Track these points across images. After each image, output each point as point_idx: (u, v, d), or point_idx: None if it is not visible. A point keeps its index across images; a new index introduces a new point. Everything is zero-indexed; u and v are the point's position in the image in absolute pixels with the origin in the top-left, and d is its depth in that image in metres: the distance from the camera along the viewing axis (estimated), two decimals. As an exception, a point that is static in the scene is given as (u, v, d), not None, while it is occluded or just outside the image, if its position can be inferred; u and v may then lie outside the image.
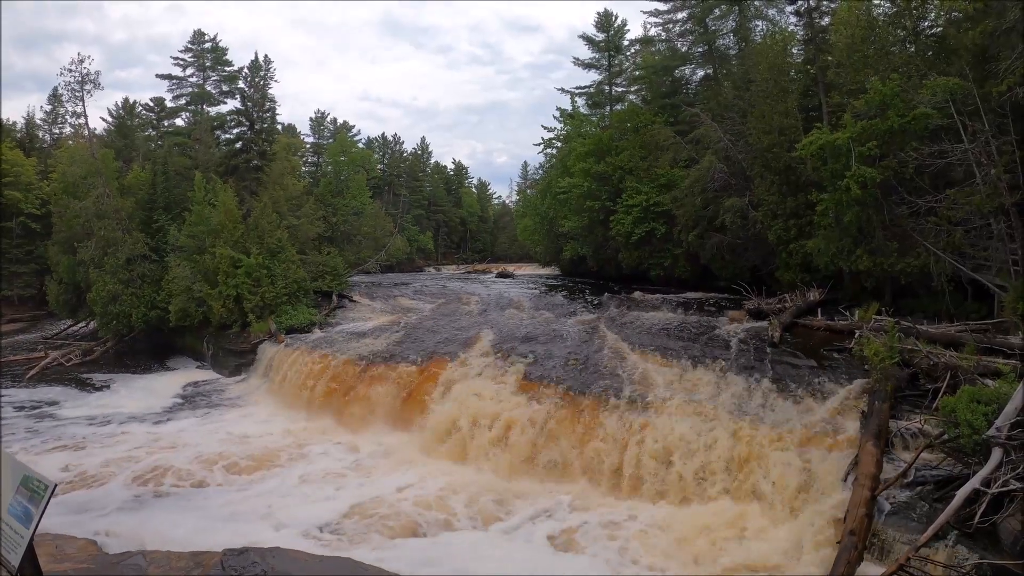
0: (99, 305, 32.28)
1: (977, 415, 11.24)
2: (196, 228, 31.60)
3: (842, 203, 20.32)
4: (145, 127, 54.59)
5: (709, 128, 30.08)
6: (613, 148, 37.16)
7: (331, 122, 77.42)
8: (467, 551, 13.10)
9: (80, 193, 35.45)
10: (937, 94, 18.55)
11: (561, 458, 16.45)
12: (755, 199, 26.95)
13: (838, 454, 13.34)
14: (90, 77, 35.56)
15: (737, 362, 18.11)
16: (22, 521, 5.05)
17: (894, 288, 21.60)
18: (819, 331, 20.26)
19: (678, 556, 12.60)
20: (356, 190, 57.47)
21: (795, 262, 25.04)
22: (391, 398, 20.90)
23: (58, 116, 56.11)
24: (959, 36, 19.42)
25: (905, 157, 19.54)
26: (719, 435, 14.97)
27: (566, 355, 20.28)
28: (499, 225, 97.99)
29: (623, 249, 36.03)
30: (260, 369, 26.94)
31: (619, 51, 47.46)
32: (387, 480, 16.73)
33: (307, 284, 32.07)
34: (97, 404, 25.01)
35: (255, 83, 40.22)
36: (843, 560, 10.15)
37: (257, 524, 14.09)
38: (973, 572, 9.39)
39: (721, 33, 36.83)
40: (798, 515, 12.69)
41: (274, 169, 38.15)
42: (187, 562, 11.19)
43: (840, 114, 22.15)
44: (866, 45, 22.16)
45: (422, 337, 24.32)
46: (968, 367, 14.46)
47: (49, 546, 11.30)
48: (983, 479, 10.28)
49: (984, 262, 18.42)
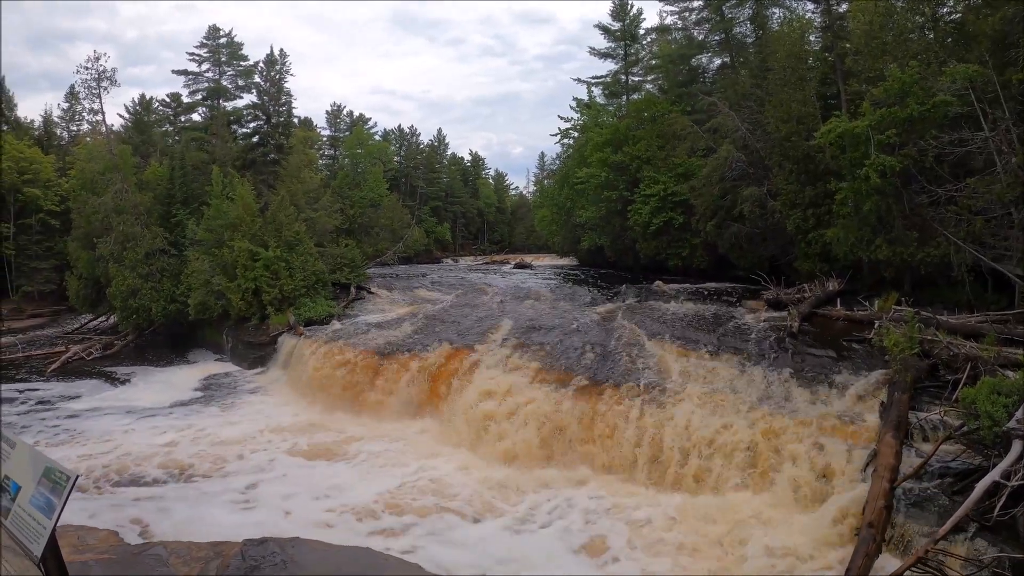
0: (119, 299, 32.59)
1: (997, 407, 11.11)
2: (214, 222, 31.78)
3: (861, 192, 20.14)
4: (162, 123, 54.98)
5: (727, 117, 29.84)
6: (630, 138, 37.00)
7: (347, 115, 77.50)
8: (484, 540, 13.17)
9: (99, 189, 35.81)
10: (956, 81, 18.30)
11: (579, 447, 16.50)
12: (773, 188, 26.74)
13: (857, 445, 13.27)
14: (106, 74, 35.98)
15: (756, 352, 18.05)
16: (44, 512, 5.12)
17: (913, 278, 21.38)
18: (838, 321, 20.15)
19: (696, 545, 12.60)
20: (373, 182, 57.60)
21: (814, 252, 24.84)
22: (411, 389, 21.01)
23: (75, 113, 56.66)
24: (978, 22, 19.16)
25: (925, 145, 19.29)
26: (738, 425, 14.96)
27: (584, 345, 20.27)
28: (516, 216, 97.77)
29: (641, 239, 35.89)
30: (279, 361, 27.09)
31: (635, 40, 47.16)
32: (405, 469, 16.86)
33: (325, 276, 32.19)
34: (119, 397, 25.29)
35: (271, 77, 40.43)
36: (861, 552, 10.12)
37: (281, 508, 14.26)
38: (992, 565, 9.33)
39: (738, 21, 36.48)
40: (816, 506, 12.65)
41: (291, 162, 38.37)
42: (207, 552, 11.33)
43: (858, 102, 21.90)
44: (884, 32, 21.89)
45: (441, 328, 24.40)
46: (988, 358, 14.31)
47: (71, 537, 11.47)
48: (1003, 472, 10.19)
49: (1005, 252, 18.17)
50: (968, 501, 10.08)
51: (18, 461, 5.55)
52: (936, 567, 9.49)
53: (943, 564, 9.50)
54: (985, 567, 9.36)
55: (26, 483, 5.36)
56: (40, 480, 5.27)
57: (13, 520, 5.25)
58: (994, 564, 9.33)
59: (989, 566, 9.33)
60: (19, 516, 5.24)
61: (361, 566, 11.27)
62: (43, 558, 5.00)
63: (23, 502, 5.29)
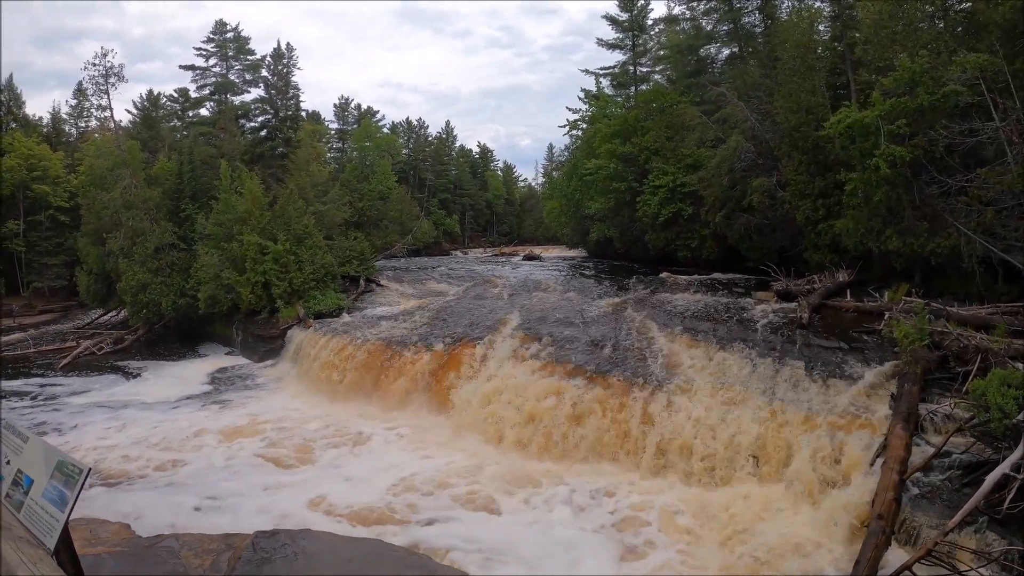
0: (129, 294, 32.79)
1: (1008, 399, 11.05)
2: (223, 216, 31.90)
3: (871, 182, 20.02)
4: (170, 118, 55.12)
5: (735, 107, 29.69)
6: (639, 129, 36.86)
7: (355, 108, 77.47)
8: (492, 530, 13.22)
9: (107, 185, 36.02)
10: (967, 71, 18.14)
11: (588, 439, 16.51)
12: (783, 179, 26.61)
13: (867, 437, 13.24)
14: (114, 70, 36.17)
15: (766, 344, 18.00)
16: (57, 505, 5.16)
17: (924, 269, 21.27)
18: (848, 312, 20.10)
19: (706, 537, 12.62)
20: (382, 175, 57.63)
21: (823, 243, 24.73)
22: (420, 381, 21.09)
23: (83, 110, 57.02)
24: (989, 11, 18.97)
25: (935, 136, 19.13)
26: (747, 417, 14.96)
27: (594, 337, 20.28)
28: (525, 208, 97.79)
29: (650, 230, 35.78)
30: (289, 354, 27.21)
31: (643, 31, 46.90)
32: (414, 460, 16.96)
33: (334, 269, 32.30)
34: (128, 392, 25.44)
35: (278, 71, 40.48)
36: (871, 544, 10.10)
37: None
38: (1002, 558, 9.31)
39: (746, 11, 36.28)
40: (826, 498, 12.62)
41: (299, 156, 38.43)
42: (219, 544, 11.41)
43: (868, 92, 21.74)
44: (894, 21, 21.69)
45: (450, 320, 24.45)
46: (999, 350, 14.21)
47: (83, 530, 11.56)
48: (1013, 464, 10.15)
49: (1015, 243, 18.02)
50: (978, 494, 10.05)
51: (30, 455, 5.59)
52: (945, 559, 9.47)
53: (952, 556, 9.48)
54: (994, 560, 9.34)
55: (39, 477, 5.40)
56: (52, 474, 5.31)
57: (26, 514, 5.29)
58: (1003, 557, 9.31)
59: (998, 558, 9.31)
60: (32, 509, 5.28)
61: (370, 557, 11.33)
62: (56, 550, 5.04)
63: (36, 495, 5.33)
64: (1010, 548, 9.33)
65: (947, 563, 9.46)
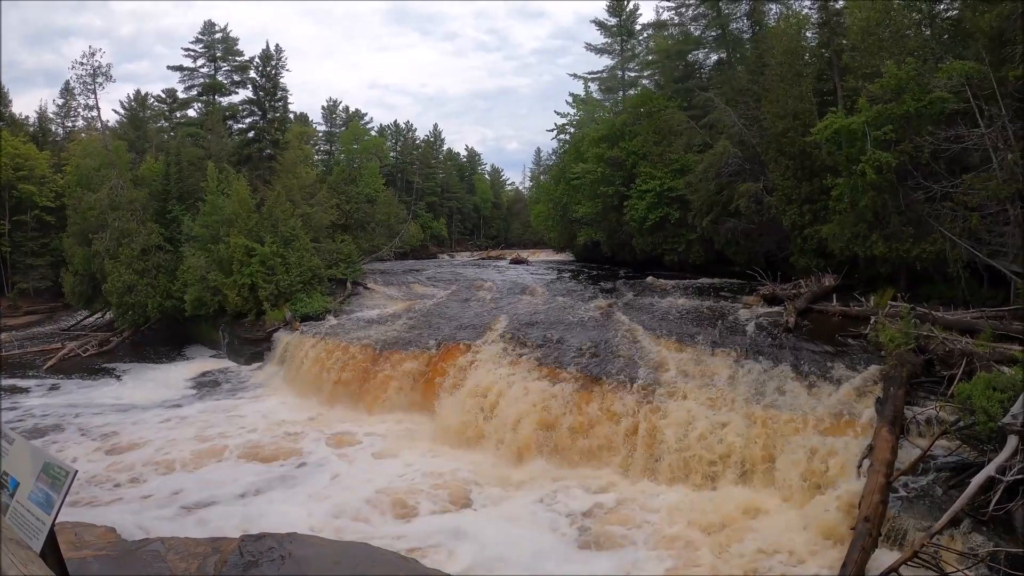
0: (115, 296, 32.49)
1: (993, 402, 11.15)
2: (210, 218, 31.68)
3: (857, 188, 20.19)
4: (157, 118, 54.76)
5: (723, 113, 29.88)
6: (626, 133, 37.04)
7: (343, 110, 77.37)
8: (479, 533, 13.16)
9: (94, 185, 35.69)
10: (953, 78, 18.35)
11: (574, 442, 16.48)
12: (770, 184, 26.79)
13: (853, 440, 13.31)
14: (101, 70, 35.87)
15: (752, 348, 18.05)
16: (43, 508, 5.11)
17: (909, 274, 21.44)
18: (834, 317, 20.18)
19: (693, 540, 12.63)
20: (369, 178, 57.54)
21: (810, 247, 24.90)
22: (406, 384, 21.02)
23: (70, 109, 56.59)
24: (975, 19, 19.18)
25: (921, 142, 19.32)
26: (734, 420, 14.99)
27: (581, 340, 20.27)
28: (512, 211, 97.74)
29: (637, 234, 35.90)
30: (276, 357, 27.04)
31: (631, 35, 47.17)
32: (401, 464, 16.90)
33: (321, 272, 32.17)
34: (112, 394, 25.21)
35: (267, 72, 40.27)
36: (858, 546, 10.14)
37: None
38: (988, 559, 9.37)
39: (735, 16, 36.52)
40: (812, 501, 12.68)
41: (287, 158, 38.23)
42: (205, 548, 11.29)
43: (855, 98, 21.94)
44: (881, 28, 21.90)
45: (437, 323, 24.40)
46: (984, 354, 14.35)
47: (69, 533, 11.42)
48: (998, 467, 10.23)
49: (1000, 248, 18.23)
50: (964, 496, 10.12)
51: (17, 457, 5.53)
52: (932, 561, 9.53)
53: (939, 558, 9.54)
54: (980, 561, 9.40)
55: (25, 479, 5.34)
56: (39, 476, 5.26)
57: (12, 516, 5.23)
58: (989, 558, 9.37)
59: (984, 560, 9.38)
60: (18, 512, 5.22)
61: (359, 561, 11.25)
62: (42, 553, 4.99)
63: (22, 498, 5.27)
64: (996, 550, 9.40)
65: (934, 565, 9.51)
